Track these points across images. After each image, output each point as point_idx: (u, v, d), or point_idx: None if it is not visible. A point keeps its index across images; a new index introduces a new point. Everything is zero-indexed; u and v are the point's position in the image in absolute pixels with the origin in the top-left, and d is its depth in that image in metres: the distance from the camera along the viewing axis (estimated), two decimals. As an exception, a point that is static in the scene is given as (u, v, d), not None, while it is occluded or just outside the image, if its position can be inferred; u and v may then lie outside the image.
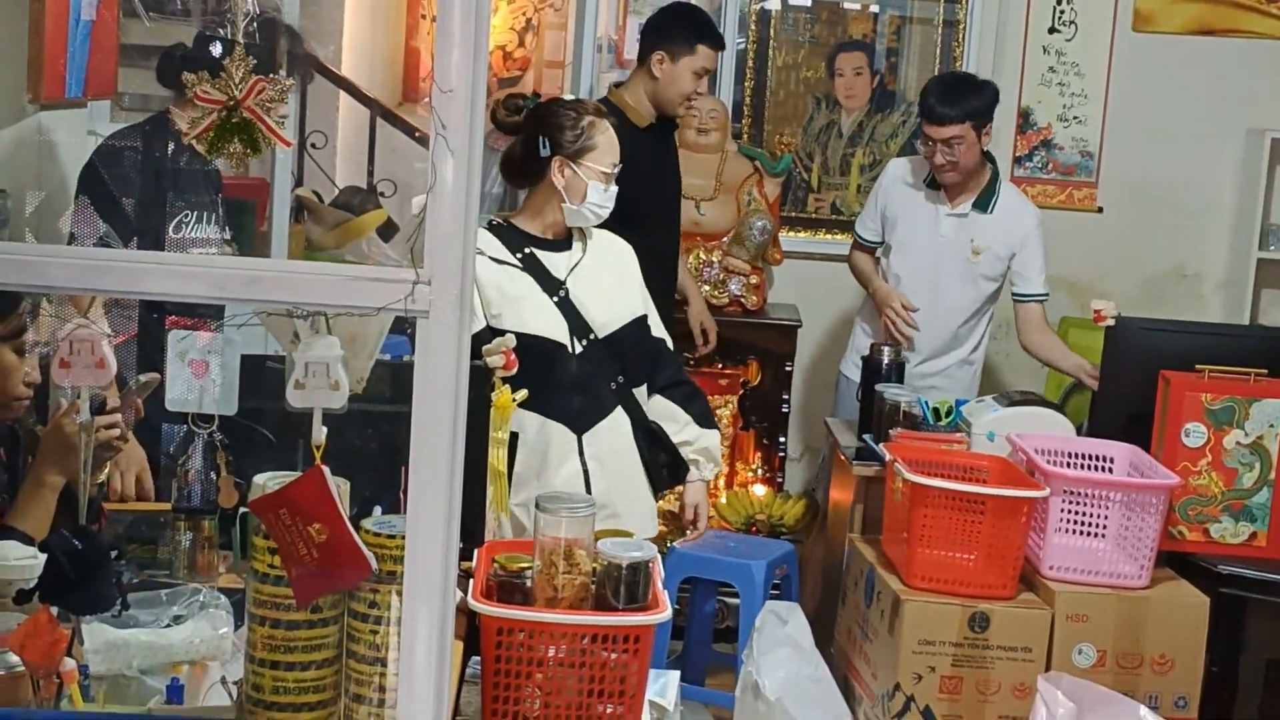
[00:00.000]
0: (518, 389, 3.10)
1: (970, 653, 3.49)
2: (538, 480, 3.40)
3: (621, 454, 3.53)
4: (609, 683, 2.50)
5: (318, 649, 2.02)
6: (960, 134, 4.45)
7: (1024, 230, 4.70)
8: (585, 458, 3.48)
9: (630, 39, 6.20)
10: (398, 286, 1.86)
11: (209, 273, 1.90)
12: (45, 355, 2.44)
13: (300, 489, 1.93)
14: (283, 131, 2.08)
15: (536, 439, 3.43)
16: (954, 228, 4.67)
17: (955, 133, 4.45)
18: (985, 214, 4.65)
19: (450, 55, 1.85)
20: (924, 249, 4.69)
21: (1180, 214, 5.64)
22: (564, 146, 3.40)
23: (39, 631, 1.97)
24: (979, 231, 4.65)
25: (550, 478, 3.42)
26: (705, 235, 5.23)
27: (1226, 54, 5.64)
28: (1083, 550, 3.57)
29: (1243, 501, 3.71)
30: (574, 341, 3.45)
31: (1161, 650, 3.51)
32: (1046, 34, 5.68)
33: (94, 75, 3.51)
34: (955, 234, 4.67)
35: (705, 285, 5.15)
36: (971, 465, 3.73)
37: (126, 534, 2.77)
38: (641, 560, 2.55)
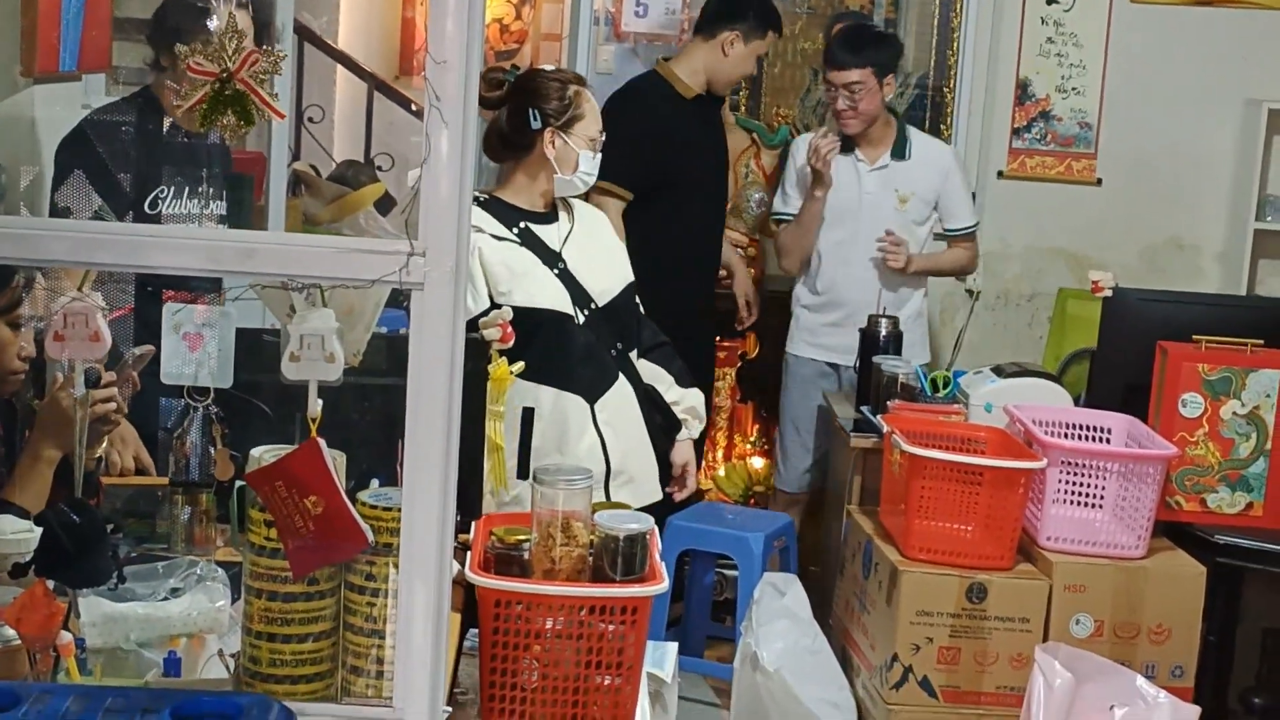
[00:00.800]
0: (530, 363, 3.10)
1: (968, 623, 3.49)
2: (559, 453, 3.39)
3: (630, 420, 3.53)
4: (607, 654, 2.50)
5: (314, 621, 2.02)
6: (861, 79, 4.62)
7: (944, 166, 4.90)
8: (599, 426, 3.48)
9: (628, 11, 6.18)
10: (392, 258, 1.85)
11: (204, 245, 1.90)
12: (41, 329, 2.43)
13: (296, 461, 1.93)
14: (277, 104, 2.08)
15: (553, 412, 3.42)
16: (877, 182, 4.81)
17: (856, 78, 4.63)
18: (903, 160, 4.83)
19: (444, 26, 1.84)
20: (852, 211, 4.79)
21: (1178, 185, 5.62)
22: (554, 117, 3.40)
23: (35, 605, 1.97)
24: (901, 180, 4.82)
25: (572, 449, 3.41)
26: (703, 208, 5.22)
27: (1224, 24, 5.61)
28: (1080, 521, 3.57)
29: (1239, 471, 3.71)
30: (578, 312, 3.45)
31: (1159, 620, 3.52)
32: (1044, 4, 5.65)
33: (88, 49, 3.48)
34: (880, 188, 4.81)
35: (702, 259, 5.14)
36: (969, 436, 3.73)
37: (124, 508, 2.76)
38: (639, 532, 2.55)
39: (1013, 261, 5.71)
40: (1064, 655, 3.29)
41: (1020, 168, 5.70)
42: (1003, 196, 5.71)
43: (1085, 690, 3.19)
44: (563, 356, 3.41)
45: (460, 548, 2.53)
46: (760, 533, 4.35)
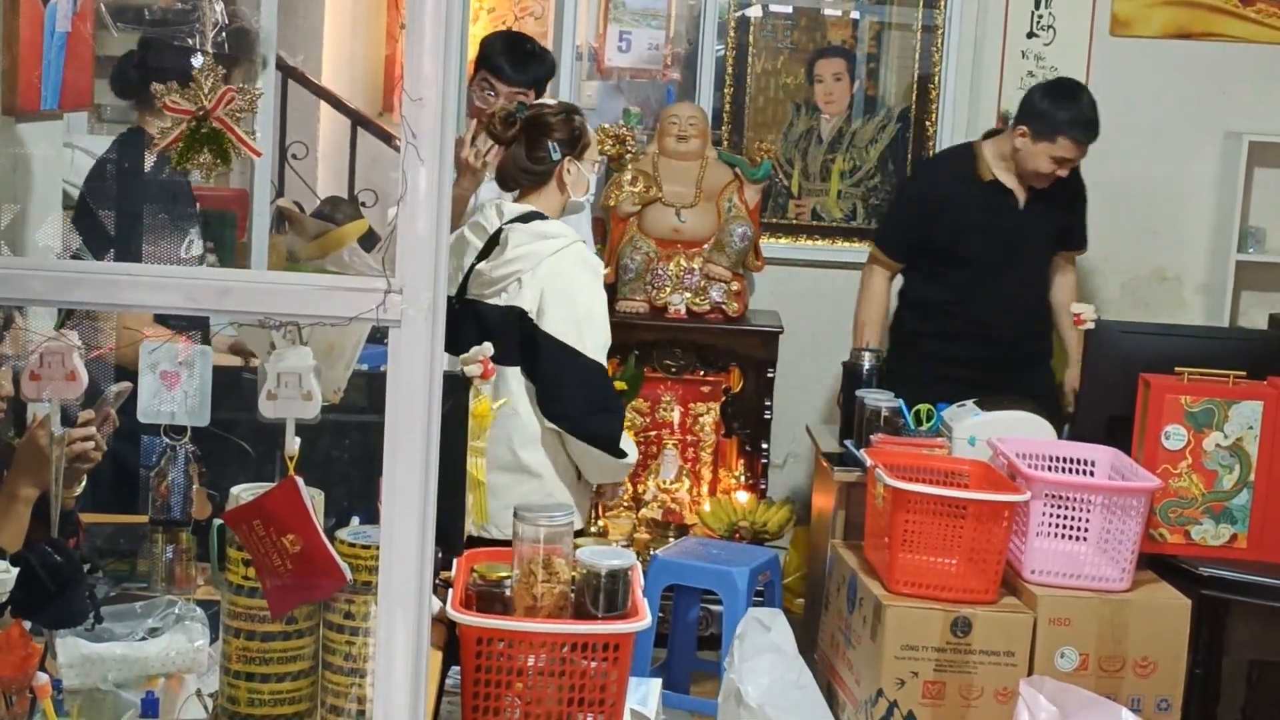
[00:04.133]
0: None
1: (953, 658, 3.48)
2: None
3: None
4: (589, 691, 2.50)
5: (293, 660, 2.01)
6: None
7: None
8: None
9: (610, 46, 6.21)
10: (369, 296, 1.85)
11: (181, 284, 1.89)
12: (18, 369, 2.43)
13: (273, 500, 1.93)
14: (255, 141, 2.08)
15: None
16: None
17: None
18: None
19: (420, 64, 1.84)
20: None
21: (1160, 217, 5.64)
22: (569, 147, 3.63)
23: (11, 646, 1.96)
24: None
25: None
26: (686, 242, 5.23)
27: (1203, 57, 5.65)
28: (1064, 554, 3.57)
29: (1223, 503, 3.71)
30: None
31: (1144, 653, 3.51)
32: (1025, 38, 5.69)
33: (70, 87, 3.48)
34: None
35: (686, 292, 5.15)
36: (952, 470, 3.74)
37: (104, 546, 2.75)
38: (621, 568, 2.55)
39: (996, 294, 5.72)
40: (1049, 689, 3.28)
41: (1002, 201, 5.72)
42: (985, 229, 5.73)
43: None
44: None
45: (441, 585, 2.53)
46: (745, 567, 4.34)
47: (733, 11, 5.79)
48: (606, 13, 6.14)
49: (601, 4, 6.10)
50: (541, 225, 3.62)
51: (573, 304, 3.58)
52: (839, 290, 5.63)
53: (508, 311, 3.57)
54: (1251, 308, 5.64)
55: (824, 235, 5.84)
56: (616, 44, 6.14)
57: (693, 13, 6.01)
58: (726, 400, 5.23)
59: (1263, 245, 5.69)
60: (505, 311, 3.57)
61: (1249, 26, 5.66)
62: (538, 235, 3.60)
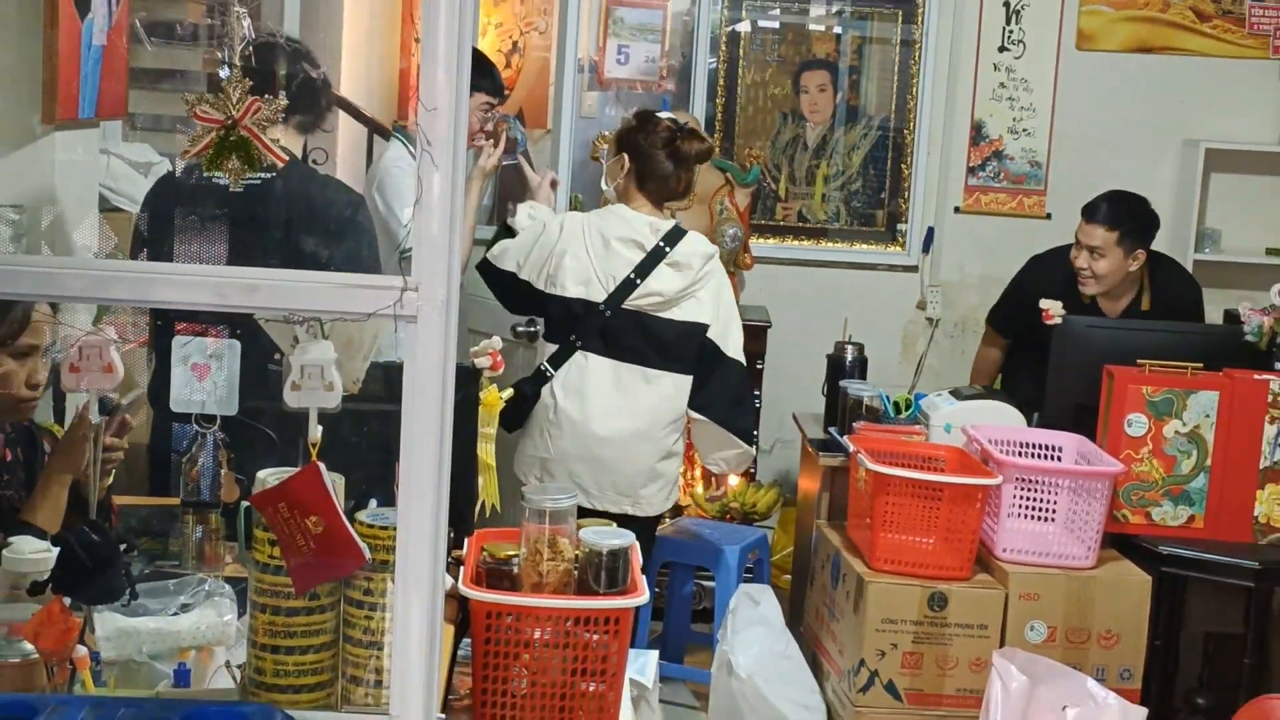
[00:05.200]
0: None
1: (930, 630, 3.49)
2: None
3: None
4: (592, 662, 2.49)
5: (316, 634, 2.01)
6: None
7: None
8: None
9: (610, 59, 6.20)
10: (387, 293, 1.85)
11: (210, 282, 1.89)
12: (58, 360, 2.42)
13: (298, 484, 1.92)
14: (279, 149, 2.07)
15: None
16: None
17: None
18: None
19: (435, 75, 1.84)
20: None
21: (1122, 219, 5.65)
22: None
23: (52, 621, 1.95)
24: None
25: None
26: (681, 242, 5.22)
27: (1164, 70, 5.65)
28: (1033, 533, 3.57)
29: (1181, 486, 3.72)
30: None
31: (1108, 626, 3.52)
32: (997, 52, 5.68)
33: (105, 97, 3.48)
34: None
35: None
36: (930, 455, 3.74)
37: (139, 527, 2.75)
38: (621, 547, 2.55)
39: (969, 291, 5.72)
40: (1020, 659, 3.28)
41: (975, 204, 5.73)
42: (959, 230, 5.73)
43: (1039, 692, 3.18)
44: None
45: (454, 563, 2.52)
46: (736, 546, 4.34)
47: (724, 27, 5.79)
48: (606, 28, 6.14)
49: (601, 19, 6.10)
50: (698, 242, 3.71)
51: (719, 306, 3.72)
52: (824, 287, 5.65)
53: (690, 327, 3.67)
54: (1208, 304, 5.62)
55: (809, 236, 5.84)
56: (615, 57, 6.13)
57: (686, 28, 6.01)
58: (719, 390, 5.22)
59: (1218, 245, 5.70)
60: (686, 327, 3.66)
61: (1206, 41, 5.65)
62: (703, 255, 3.69)
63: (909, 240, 5.82)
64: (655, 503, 3.70)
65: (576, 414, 3.59)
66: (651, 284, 3.60)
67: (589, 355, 3.61)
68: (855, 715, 3.50)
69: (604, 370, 3.61)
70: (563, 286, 3.61)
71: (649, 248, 3.61)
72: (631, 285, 3.60)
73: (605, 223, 3.65)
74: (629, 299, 3.60)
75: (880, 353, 5.15)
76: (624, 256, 3.60)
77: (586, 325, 3.60)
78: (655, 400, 3.63)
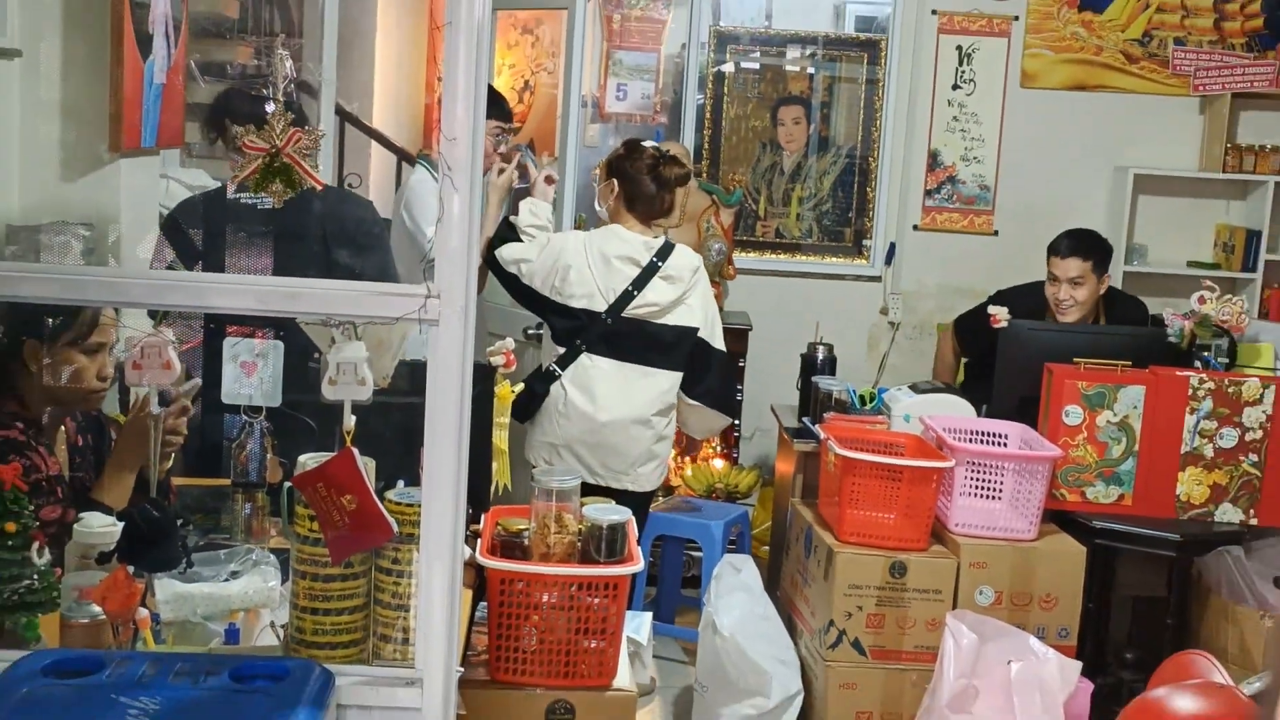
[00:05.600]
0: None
1: (891, 594, 3.49)
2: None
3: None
4: (593, 622, 2.50)
5: (350, 598, 2.01)
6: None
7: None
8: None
9: (610, 96, 6.20)
10: (413, 300, 1.85)
11: (257, 290, 1.90)
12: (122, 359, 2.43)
13: (334, 466, 1.93)
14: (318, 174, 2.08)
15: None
16: None
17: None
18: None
19: (455, 109, 1.84)
20: None
21: (1061, 235, 5.66)
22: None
23: (117, 586, 1.96)
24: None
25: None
26: (672, 256, 5.22)
27: (1097, 105, 5.66)
28: (982, 510, 3.57)
29: (1112, 469, 3.72)
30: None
31: (1047, 591, 3.52)
32: (951, 90, 5.69)
33: (165, 129, 3.48)
34: None
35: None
36: (891, 442, 3.74)
37: (194, 505, 2.75)
38: (619, 522, 2.56)
39: (926, 298, 5.73)
40: (970, 620, 3.29)
41: (932, 222, 5.73)
42: (918, 246, 5.74)
43: (987, 649, 3.19)
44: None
45: (472, 536, 2.53)
46: (720, 521, 4.35)
47: (710, 68, 5.79)
48: (607, 68, 6.15)
49: (603, 61, 6.11)
50: (686, 255, 3.74)
51: (707, 310, 3.76)
52: (798, 295, 5.65)
53: (683, 331, 3.70)
54: (1135, 309, 5.65)
55: (786, 250, 5.85)
56: (615, 94, 6.14)
57: (678, 68, 6.02)
58: (706, 385, 5.23)
59: (1145, 259, 5.70)
60: (680, 331, 3.70)
61: (1134, 80, 5.66)
62: (690, 267, 3.72)
63: (873, 254, 5.82)
64: (651, 480, 3.73)
65: (584, 405, 3.61)
66: (648, 295, 3.62)
67: (594, 357, 3.63)
68: (826, 669, 3.51)
69: (608, 368, 3.63)
70: (570, 298, 3.62)
71: (644, 263, 3.63)
72: (630, 296, 3.61)
73: (605, 242, 3.66)
74: (628, 308, 3.61)
75: (848, 352, 5.16)
76: (623, 272, 3.62)
77: (591, 331, 3.62)
78: (653, 393, 3.66)
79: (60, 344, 2.44)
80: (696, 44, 5.76)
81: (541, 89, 6.49)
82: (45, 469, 2.40)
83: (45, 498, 2.34)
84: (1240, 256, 5.58)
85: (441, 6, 1.79)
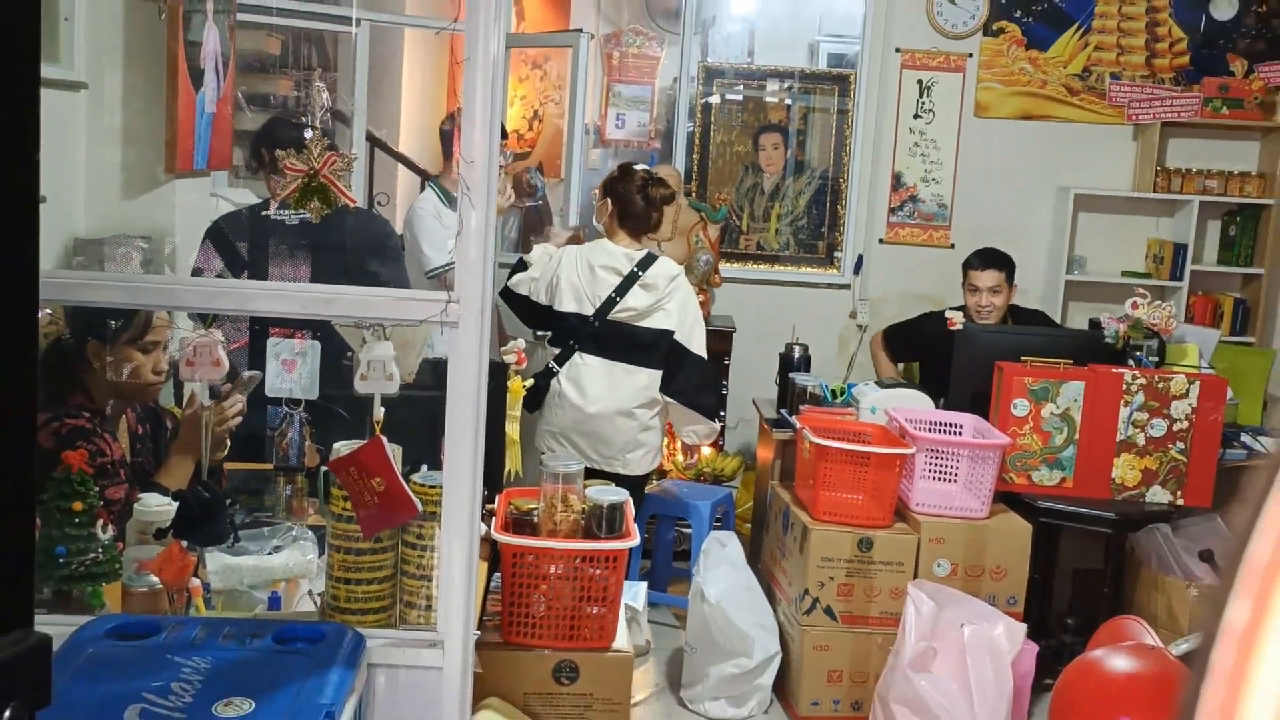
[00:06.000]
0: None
1: (859, 566, 3.49)
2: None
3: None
4: (595, 591, 2.50)
5: (379, 570, 2.01)
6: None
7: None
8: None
9: (610, 124, 6.19)
10: (435, 305, 1.85)
11: (298, 296, 1.90)
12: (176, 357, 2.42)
13: (365, 452, 1.93)
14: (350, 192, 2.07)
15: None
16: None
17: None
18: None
19: (473, 135, 1.84)
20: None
21: (1010, 248, 5.58)
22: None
23: (173, 559, 1.96)
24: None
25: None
26: (665, 266, 5.22)
27: (1042, 133, 5.66)
28: (940, 492, 3.58)
29: (1055, 455, 3.73)
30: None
31: (997, 563, 3.52)
32: (912, 119, 5.68)
33: (215, 153, 3.48)
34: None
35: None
36: (859, 431, 3.74)
37: (241, 487, 2.75)
38: (618, 502, 2.56)
39: (890, 304, 5.72)
40: (929, 589, 3.29)
41: (895, 236, 5.73)
42: (883, 257, 5.74)
43: (944, 614, 3.19)
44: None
45: (487, 514, 2.53)
46: (708, 501, 4.34)
47: (699, 99, 5.78)
48: (607, 100, 6.14)
49: (603, 93, 6.10)
50: (665, 265, 3.75)
51: (684, 315, 3.75)
52: (777, 300, 5.65)
53: (659, 333, 3.71)
54: (1076, 314, 5.65)
55: (766, 261, 5.84)
56: (614, 122, 6.13)
57: (670, 100, 6.01)
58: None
59: (1085, 269, 5.71)
60: (657, 333, 3.71)
61: (1075, 110, 5.66)
62: (667, 276, 3.72)
63: (843, 264, 5.81)
64: (641, 465, 3.75)
65: (575, 398, 3.66)
66: (629, 301, 3.67)
67: (585, 355, 3.68)
68: (801, 633, 3.51)
69: (597, 365, 3.67)
70: (562, 304, 3.68)
71: (625, 272, 3.68)
72: (613, 302, 3.66)
73: (593, 255, 3.72)
74: (612, 312, 3.66)
75: (820, 352, 5.15)
76: (606, 280, 3.68)
77: (581, 333, 3.67)
78: (635, 388, 3.69)
79: (120, 343, 2.44)
80: (687, 78, 5.76)
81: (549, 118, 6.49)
82: (109, 454, 2.40)
83: (109, 480, 2.33)
84: (1169, 267, 5.58)
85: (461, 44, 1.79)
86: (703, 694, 3.52)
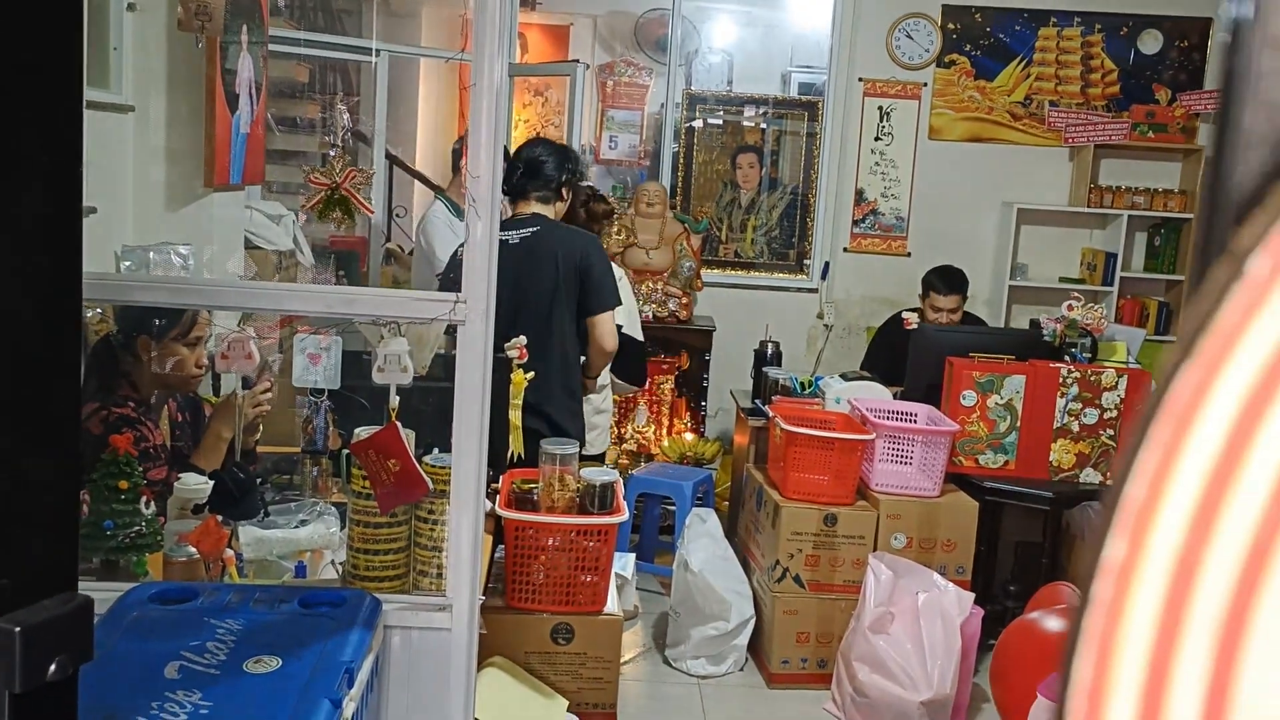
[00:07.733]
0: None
1: (825, 540, 3.50)
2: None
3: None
4: (588, 561, 2.50)
5: (394, 542, 2.01)
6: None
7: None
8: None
9: (604, 144, 6.18)
10: (445, 304, 1.85)
11: (324, 296, 1.89)
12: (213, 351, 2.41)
13: (382, 437, 1.92)
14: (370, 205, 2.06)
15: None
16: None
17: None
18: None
19: (479, 153, 1.84)
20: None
21: (960, 256, 5.63)
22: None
23: (209, 532, 1.95)
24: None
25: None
26: (652, 272, 5.21)
27: (989, 154, 5.66)
28: (897, 473, 3.58)
29: (1000, 441, 3.73)
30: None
31: (948, 537, 3.53)
32: (874, 140, 5.68)
33: (249, 169, 3.46)
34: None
35: (652, 305, 5.13)
36: (825, 419, 3.74)
37: (271, 467, 2.75)
38: (609, 482, 2.55)
39: (853, 306, 5.73)
40: (887, 560, 3.30)
41: (858, 245, 5.73)
42: (847, 264, 5.74)
43: (901, 583, 3.20)
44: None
45: (492, 493, 2.53)
46: (690, 482, 4.34)
47: (683, 123, 5.78)
48: (602, 123, 6.13)
49: (598, 118, 6.09)
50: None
51: (627, 307, 3.71)
52: (752, 303, 5.65)
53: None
54: (1019, 316, 5.66)
55: (742, 268, 5.84)
56: (608, 143, 6.12)
57: (657, 124, 6.01)
58: (679, 374, 5.23)
59: (1026, 275, 5.71)
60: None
61: (1018, 134, 5.67)
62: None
63: (812, 271, 5.82)
64: (597, 444, 3.68)
65: None
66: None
67: None
68: (773, 599, 3.51)
69: None
70: None
71: None
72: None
73: None
74: None
75: (791, 348, 5.16)
76: None
77: None
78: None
79: (166, 339, 2.43)
80: (672, 104, 5.75)
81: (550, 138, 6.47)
82: (152, 439, 2.39)
83: (152, 462, 2.32)
84: (1101, 274, 5.60)
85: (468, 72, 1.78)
86: (685, 653, 3.53)
